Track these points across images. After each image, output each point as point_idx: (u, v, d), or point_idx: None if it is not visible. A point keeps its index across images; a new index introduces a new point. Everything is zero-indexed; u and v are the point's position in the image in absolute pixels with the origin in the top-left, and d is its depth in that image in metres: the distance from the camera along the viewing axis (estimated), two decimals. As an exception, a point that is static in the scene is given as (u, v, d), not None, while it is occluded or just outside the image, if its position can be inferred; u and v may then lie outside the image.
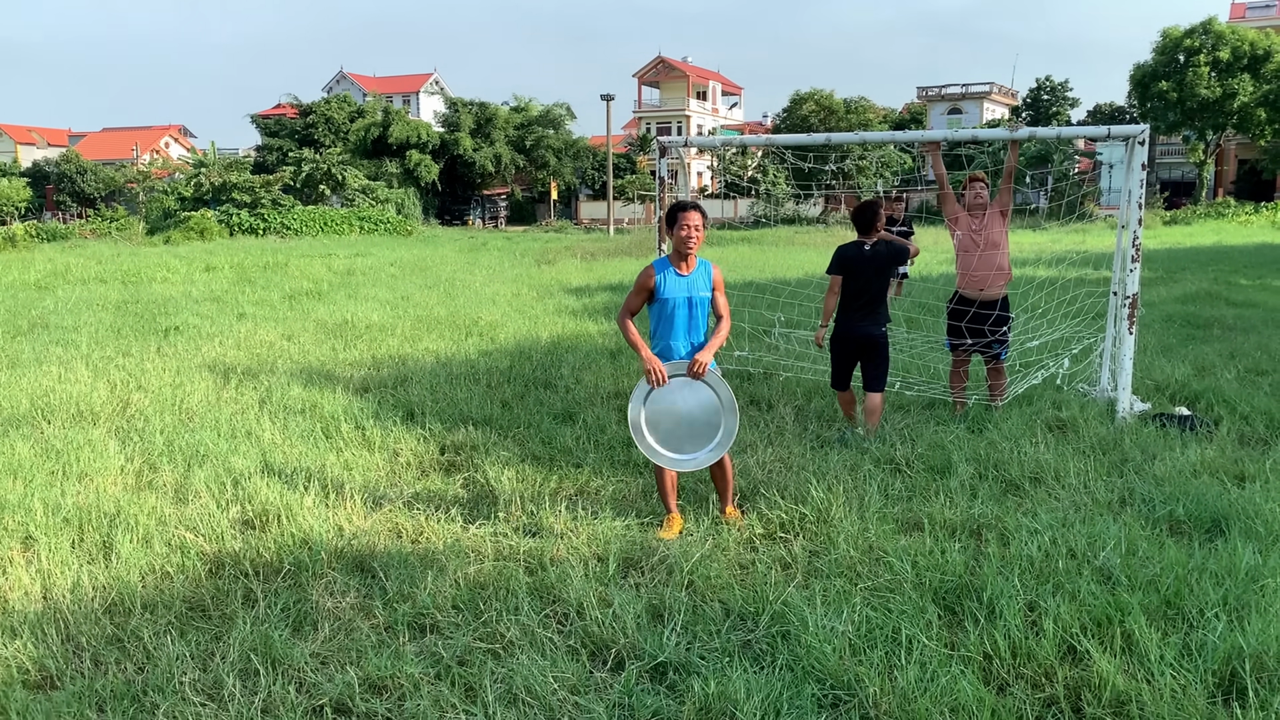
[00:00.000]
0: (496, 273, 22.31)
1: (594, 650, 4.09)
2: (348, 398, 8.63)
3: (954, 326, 7.94)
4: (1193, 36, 53.77)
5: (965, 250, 7.86)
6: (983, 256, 7.74)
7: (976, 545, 5.11)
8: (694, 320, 5.55)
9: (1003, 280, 7.82)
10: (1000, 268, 7.76)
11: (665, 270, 5.52)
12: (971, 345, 7.91)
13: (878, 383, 7.31)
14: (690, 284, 5.51)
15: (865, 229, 7.20)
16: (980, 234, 7.77)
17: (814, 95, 65.06)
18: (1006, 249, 7.84)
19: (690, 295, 5.50)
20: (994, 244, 7.75)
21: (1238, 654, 3.77)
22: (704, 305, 5.56)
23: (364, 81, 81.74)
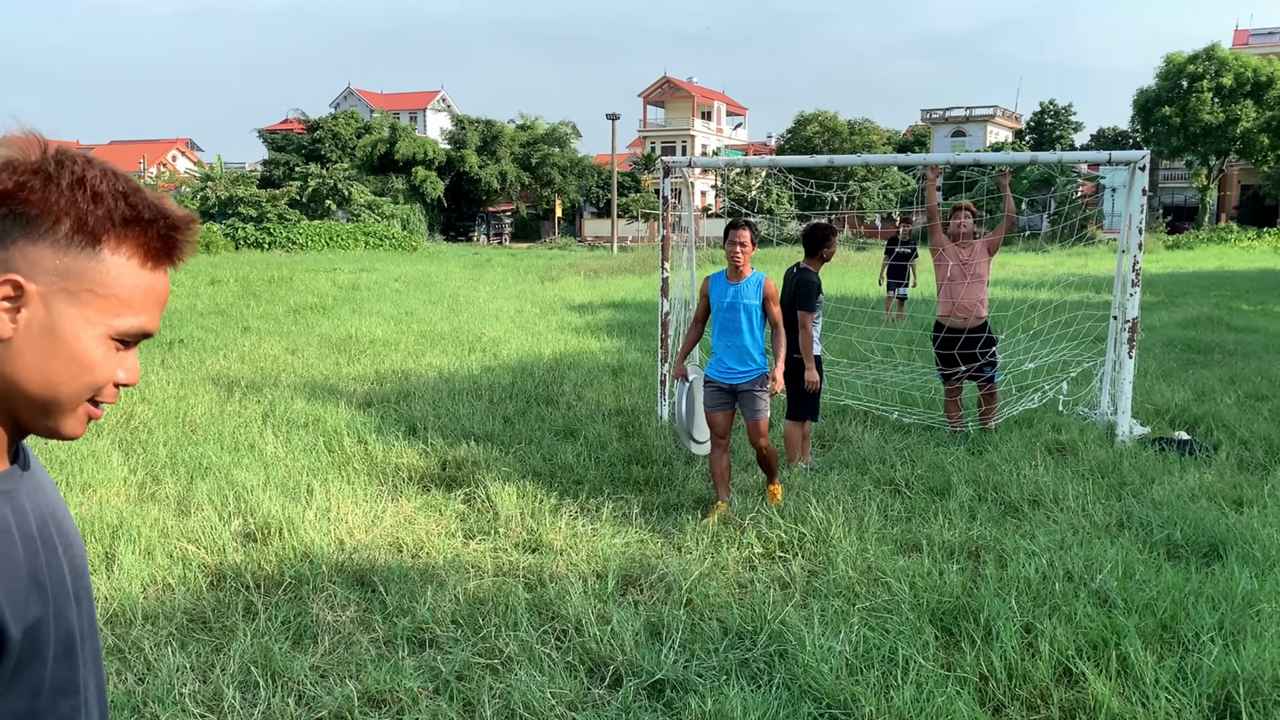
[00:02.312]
0: (500, 289, 22.38)
1: (592, 667, 4.11)
2: (350, 412, 8.67)
3: (945, 356, 8.03)
4: (1196, 62, 53.97)
5: (951, 280, 8.00)
6: (968, 286, 7.90)
7: (974, 567, 5.13)
8: (739, 325, 6.09)
9: (981, 308, 7.98)
10: (981, 299, 7.96)
11: (718, 280, 6.23)
12: (963, 372, 7.98)
13: (791, 412, 7.26)
14: (738, 292, 6.10)
15: (808, 252, 7.14)
16: (968, 265, 7.91)
17: (818, 116, 65.31)
18: (986, 281, 8.05)
19: (735, 302, 6.08)
20: (979, 276, 7.92)
21: (1233, 678, 3.79)
22: (753, 312, 6.10)
23: (371, 98, 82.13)
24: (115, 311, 1.10)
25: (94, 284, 1.08)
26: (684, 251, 9.77)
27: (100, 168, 1.09)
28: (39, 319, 1.07)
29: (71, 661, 1.15)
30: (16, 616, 1.04)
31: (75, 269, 1.07)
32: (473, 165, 62.56)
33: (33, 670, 1.08)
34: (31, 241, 1.05)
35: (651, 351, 11.61)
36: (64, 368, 1.09)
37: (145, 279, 1.12)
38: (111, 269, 1.09)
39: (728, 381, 6.12)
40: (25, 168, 1.05)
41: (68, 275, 1.07)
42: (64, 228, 1.06)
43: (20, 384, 1.08)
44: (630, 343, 13.29)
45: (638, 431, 8.05)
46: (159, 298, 1.14)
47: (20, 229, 1.05)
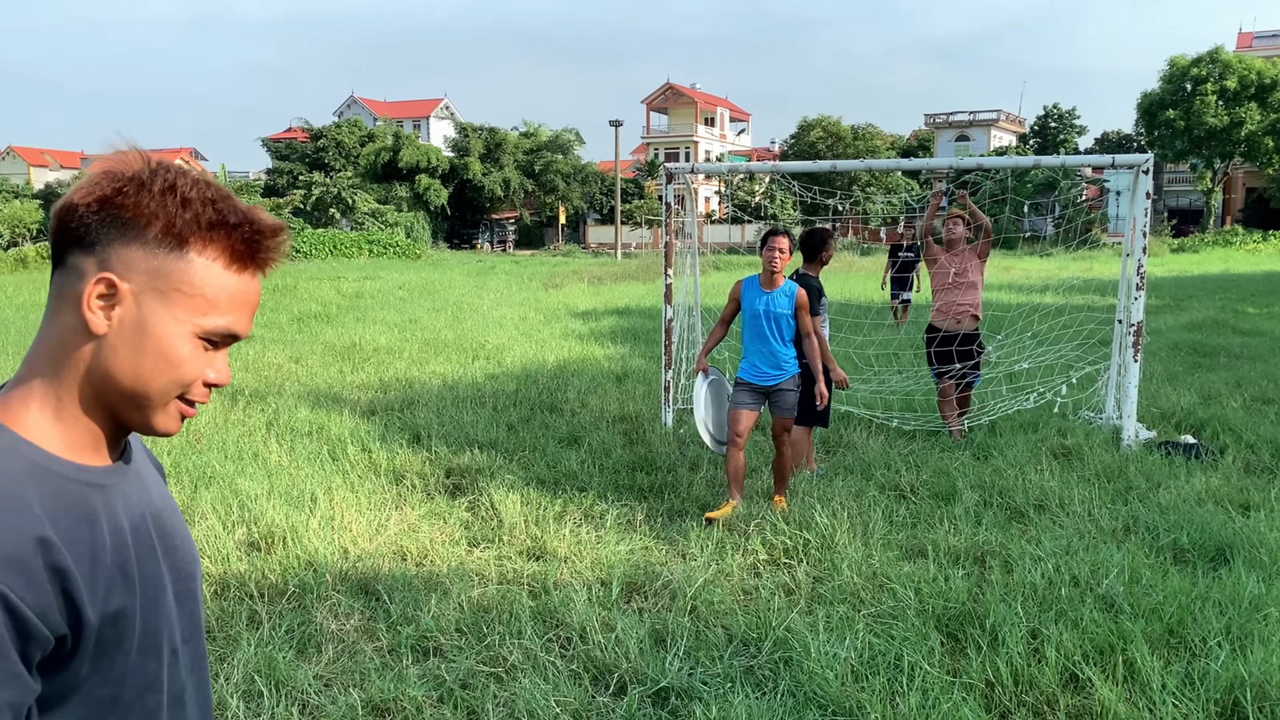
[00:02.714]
0: (504, 296, 22.40)
1: (596, 674, 4.10)
2: (354, 420, 8.67)
3: (938, 358, 8.23)
4: (1200, 65, 53.95)
5: (941, 287, 8.25)
6: (962, 292, 8.12)
7: (980, 572, 5.11)
8: (771, 330, 6.23)
9: (974, 315, 8.19)
10: (974, 304, 8.15)
11: (751, 285, 6.34)
12: (957, 371, 8.17)
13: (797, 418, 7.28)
14: (771, 300, 6.23)
15: (806, 257, 7.17)
16: (963, 273, 8.11)
17: (822, 122, 65.36)
18: (980, 289, 8.23)
19: (768, 309, 6.22)
20: (972, 283, 8.12)
21: (1240, 683, 3.77)
22: (783, 320, 6.22)
23: (375, 106, 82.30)
24: (202, 311, 1.17)
25: (181, 284, 1.15)
26: (687, 258, 9.77)
27: (193, 177, 1.17)
28: (131, 316, 1.14)
29: (159, 659, 1.21)
30: (95, 602, 1.10)
31: (164, 269, 1.14)
32: (476, 173, 62.66)
33: (115, 659, 1.14)
34: (125, 244, 1.13)
35: (655, 358, 11.60)
36: (153, 363, 1.16)
37: (231, 281, 1.18)
38: (198, 270, 1.16)
39: (761, 384, 6.32)
40: (122, 176, 1.13)
41: (157, 275, 1.14)
42: (154, 230, 1.13)
43: (115, 378, 1.15)
44: (634, 349, 13.29)
45: (642, 438, 8.05)
46: (246, 301, 1.20)
47: (116, 232, 1.13)
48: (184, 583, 1.29)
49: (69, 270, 1.15)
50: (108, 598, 1.12)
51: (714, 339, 6.68)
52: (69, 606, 1.08)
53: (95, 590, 1.11)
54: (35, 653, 1.05)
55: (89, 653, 1.11)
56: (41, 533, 1.07)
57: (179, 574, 1.28)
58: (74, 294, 1.14)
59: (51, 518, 1.09)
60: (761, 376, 6.30)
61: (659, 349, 10.32)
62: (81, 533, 1.11)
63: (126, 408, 1.18)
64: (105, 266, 1.13)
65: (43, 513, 1.08)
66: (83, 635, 1.09)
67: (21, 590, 1.03)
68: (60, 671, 1.10)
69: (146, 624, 1.19)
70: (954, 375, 8.18)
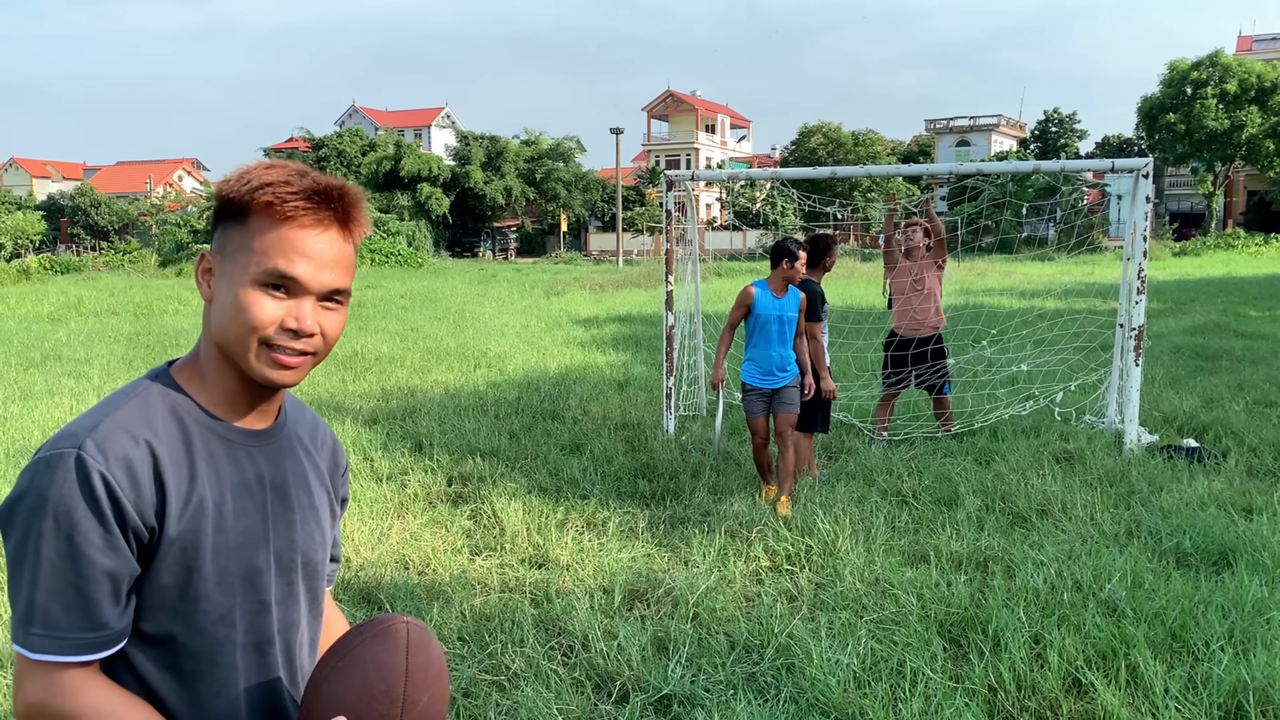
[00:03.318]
0: (506, 304, 22.42)
1: (599, 682, 4.10)
2: (357, 429, 8.68)
3: (894, 361, 8.34)
4: (1200, 69, 54.01)
5: (900, 293, 8.34)
6: (921, 298, 8.22)
7: (982, 577, 5.11)
8: (782, 334, 6.56)
9: (936, 322, 8.29)
10: (935, 310, 8.27)
11: (763, 291, 6.58)
12: (906, 379, 8.28)
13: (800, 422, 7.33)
14: (784, 305, 6.55)
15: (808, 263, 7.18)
16: (921, 281, 8.21)
17: (822, 128, 65.47)
18: (939, 296, 8.34)
19: (782, 314, 6.54)
20: (930, 292, 8.23)
21: (1243, 687, 3.76)
22: (792, 324, 6.58)
23: (376, 115, 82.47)
24: (255, 262, 1.36)
25: (241, 245, 1.37)
26: (688, 264, 9.78)
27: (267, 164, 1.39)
28: (219, 283, 1.39)
29: (233, 598, 1.39)
30: (182, 516, 1.33)
31: (234, 238, 1.38)
32: (477, 181, 62.75)
33: (192, 579, 1.35)
34: (220, 227, 1.40)
35: (657, 365, 11.61)
36: (230, 314, 1.36)
37: (275, 231, 1.36)
38: (252, 229, 1.37)
39: (769, 387, 6.63)
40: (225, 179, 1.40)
41: (229, 243, 1.38)
42: (230, 210, 1.38)
43: (216, 334, 1.39)
44: (636, 356, 13.29)
45: (644, 445, 8.05)
46: (294, 246, 1.36)
47: (215, 220, 1.40)
48: (290, 551, 1.47)
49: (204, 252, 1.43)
50: (194, 523, 1.34)
51: (727, 347, 6.80)
52: (160, 511, 1.31)
53: (184, 510, 1.33)
54: (132, 539, 1.30)
55: (168, 560, 1.33)
56: (152, 442, 1.33)
57: (286, 541, 1.46)
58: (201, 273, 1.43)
59: (166, 439, 1.35)
60: (770, 380, 6.61)
61: (660, 356, 10.33)
62: (184, 459, 1.36)
63: (231, 359, 1.39)
64: (213, 247, 1.41)
65: (161, 433, 1.35)
66: (164, 539, 1.32)
67: (125, 486, 1.29)
68: (149, 568, 1.33)
69: (227, 563, 1.38)
70: (916, 383, 8.30)
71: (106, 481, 1.27)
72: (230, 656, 1.40)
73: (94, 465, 1.26)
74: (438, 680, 1.46)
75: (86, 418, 1.33)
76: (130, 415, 1.34)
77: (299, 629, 1.51)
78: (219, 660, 1.39)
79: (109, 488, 1.27)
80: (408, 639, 1.44)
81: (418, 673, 1.43)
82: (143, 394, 1.38)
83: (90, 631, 1.27)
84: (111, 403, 1.36)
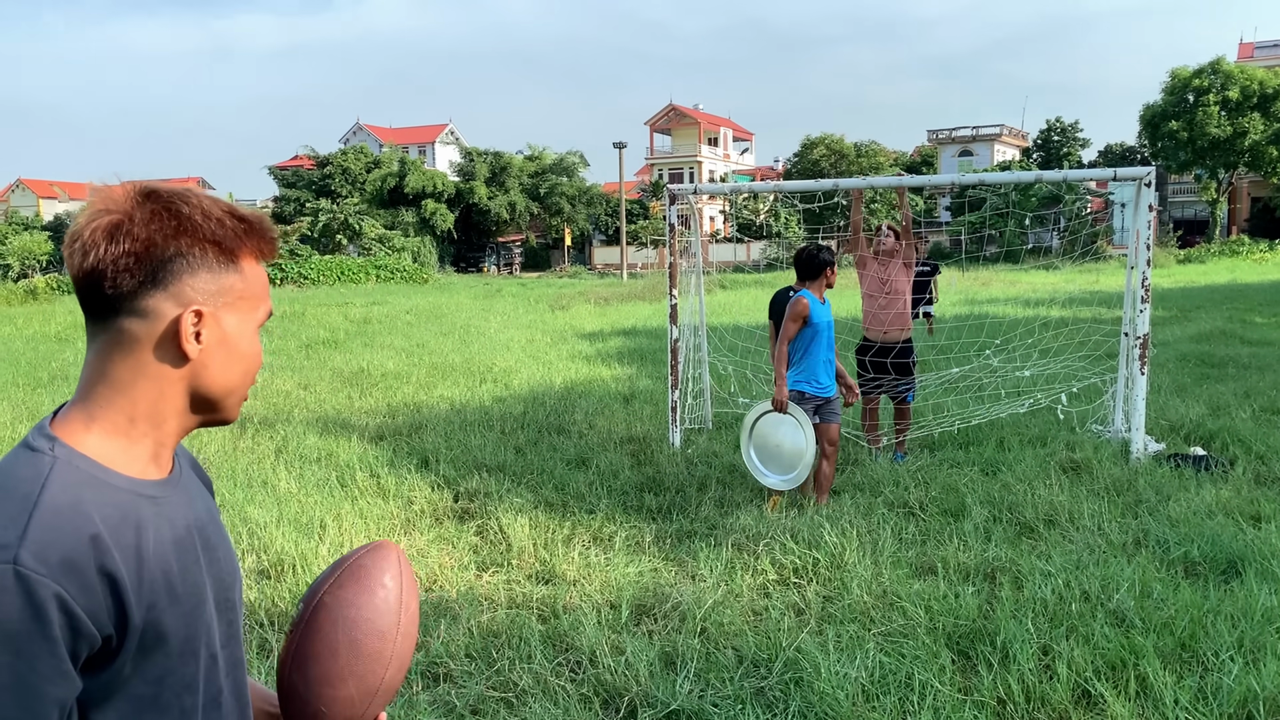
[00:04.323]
0: (511, 319, 22.45)
1: (606, 698, 4.09)
2: (363, 446, 8.69)
3: (867, 367, 8.30)
4: (1201, 76, 54.00)
5: (871, 295, 8.28)
6: (886, 302, 8.17)
7: (990, 589, 5.10)
8: (830, 342, 6.73)
9: (902, 325, 8.24)
10: (901, 314, 8.20)
11: (813, 300, 6.63)
12: (880, 387, 8.25)
13: None
14: (827, 312, 6.70)
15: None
16: (886, 281, 8.16)
17: (825, 140, 65.61)
18: (907, 298, 8.28)
19: (830, 320, 6.70)
20: (898, 291, 8.17)
21: (1253, 697, 3.75)
22: (833, 329, 6.72)
23: (380, 133, 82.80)
24: (255, 306, 1.32)
25: (241, 291, 1.29)
26: (692, 277, 9.79)
27: (198, 195, 1.27)
28: (215, 335, 1.27)
29: (197, 663, 1.28)
30: (140, 606, 1.18)
31: (227, 285, 1.28)
32: (482, 196, 62.98)
33: (156, 660, 1.21)
34: (192, 274, 1.24)
35: (662, 378, 11.62)
36: (239, 366, 1.31)
37: (261, 273, 1.34)
38: (247, 274, 1.30)
39: (826, 395, 6.71)
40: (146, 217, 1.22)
41: (225, 292, 1.28)
42: (210, 255, 1.26)
43: (208, 389, 1.29)
44: (641, 370, 13.30)
45: (650, 459, 8.05)
46: (267, 283, 1.35)
47: (181, 267, 1.24)
48: (224, 591, 1.36)
49: (136, 315, 1.23)
50: (152, 603, 1.19)
51: (788, 362, 6.69)
52: (117, 608, 1.15)
53: (140, 595, 1.18)
54: (83, 651, 1.13)
55: (132, 653, 1.18)
56: (95, 532, 1.14)
57: (220, 583, 1.35)
58: (152, 334, 1.24)
59: (104, 523, 1.16)
60: (825, 389, 6.71)
61: (666, 369, 10.34)
62: (129, 539, 1.19)
63: (213, 410, 1.32)
64: (184, 301, 1.24)
65: (96, 518, 1.16)
66: (127, 636, 1.17)
67: (75, 592, 1.10)
68: (105, 670, 1.17)
69: (187, 630, 1.26)
70: (885, 389, 8.27)
71: (59, 598, 1.08)
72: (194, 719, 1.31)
73: (38, 581, 1.07)
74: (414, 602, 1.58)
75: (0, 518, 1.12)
76: (58, 504, 1.14)
77: (243, 664, 1.44)
78: None
79: (62, 605, 1.09)
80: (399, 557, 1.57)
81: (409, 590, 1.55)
82: (57, 472, 1.17)
83: None
84: (20, 488, 1.15)
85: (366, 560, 1.52)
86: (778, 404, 6.55)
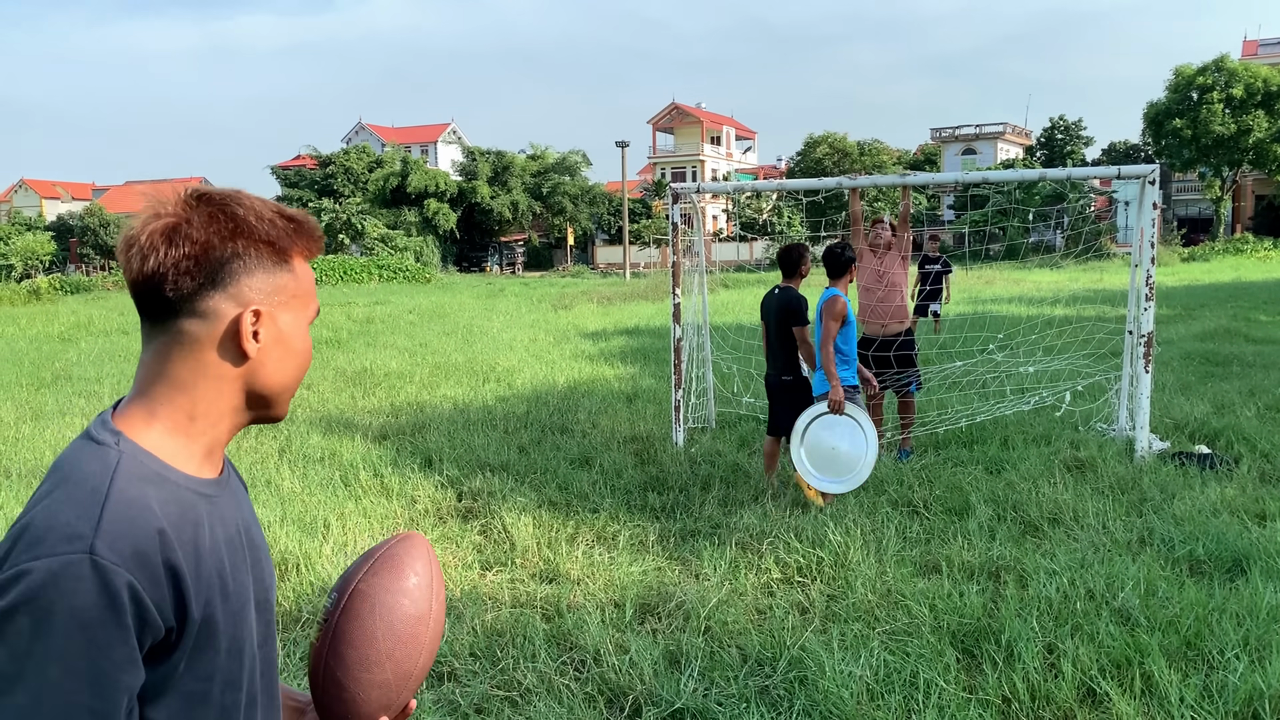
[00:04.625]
0: (514, 318, 22.45)
1: (611, 697, 4.09)
2: (366, 445, 8.69)
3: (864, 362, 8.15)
4: (1205, 74, 53.90)
5: (869, 288, 8.27)
6: (884, 294, 8.18)
7: (995, 587, 5.09)
8: (851, 336, 6.79)
9: (901, 318, 8.25)
10: (899, 306, 8.21)
11: (845, 298, 6.69)
12: (884, 383, 8.21)
13: (774, 428, 7.32)
14: (849, 305, 6.72)
15: (785, 273, 7.23)
16: (884, 274, 8.17)
17: (828, 138, 65.56)
18: (905, 290, 8.29)
19: (852, 315, 6.74)
20: (895, 284, 8.19)
21: (1259, 695, 3.74)
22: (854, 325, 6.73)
23: (382, 132, 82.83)
24: (306, 304, 1.36)
25: (295, 290, 1.33)
26: (695, 276, 9.78)
27: (248, 196, 1.31)
28: (272, 333, 1.31)
29: (241, 661, 1.31)
30: (198, 601, 1.21)
31: (281, 284, 1.32)
32: (484, 196, 62.99)
33: (207, 656, 1.25)
34: (249, 275, 1.28)
35: (665, 377, 11.61)
36: (293, 363, 1.35)
37: (310, 271, 1.37)
38: (299, 272, 1.34)
39: (850, 384, 6.80)
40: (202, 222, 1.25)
41: (280, 290, 1.31)
42: (266, 256, 1.29)
43: (262, 388, 1.33)
44: (644, 369, 13.30)
45: (653, 458, 8.04)
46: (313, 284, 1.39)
47: (239, 268, 1.27)
48: (264, 592, 1.40)
49: (196, 316, 1.26)
50: (208, 599, 1.23)
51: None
52: (178, 602, 1.19)
53: (199, 590, 1.22)
54: (148, 641, 1.16)
55: (188, 648, 1.21)
56: (161, 526, 1.19)
57: (261, 584, 1.39)
58: (213, 334, 1.27)
59: (167, 518, 1.20)
60: (850, 380, 6.82)
61: (669, 368, 10.33)
62: (189, 535, 1.23)
63: (269, 406, 1.35)
64: (242, 301, 1.27)
65: (160, 513, 1.20)
66: (185, 631, 1.20)
67: (145, 583, 1.14)
68: (162, 664, 1.20)
69: (235, 628, 1.29)
70: (888, 383, 8.26)
71: (132, 588, 1.12)
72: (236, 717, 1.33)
73: (113, 570, 1.11)
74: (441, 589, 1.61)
75: (71, 506, 1.16)
76: (128, 497, 1.18)
77: (276, 665, 1.47)
78: None
79: (134, 594, 1.12)
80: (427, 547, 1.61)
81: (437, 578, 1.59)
82: (124, 466, 1.21)
83: None
84: (90, 481, 1.19)
85: (398, 549, 1.56)
86: (835, 405, 6.51)
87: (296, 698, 1.62)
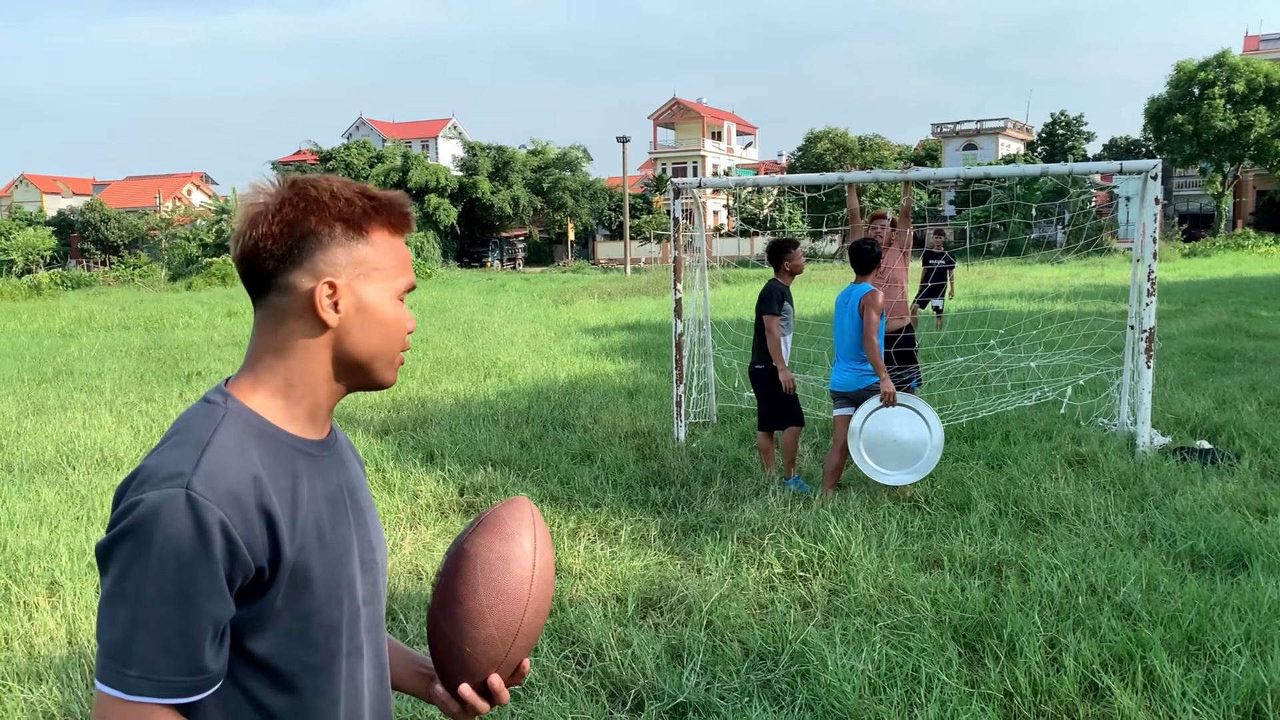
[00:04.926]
0: (515, 314, 22.45)
1: (613, 691, 4.10)
2: (368, 440, 8.70)
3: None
4: (1207, 69, 53.84)
5: None
6: (884, 290, 8.13)
7: (996, 582, 5.09)
8: None
9: (901, 314, 8.31)
10: (900, 302, 8.25)
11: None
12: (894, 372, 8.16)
13: (762, 422, 7.36)
14: None
15: (773, 267, 7.29)
16: (884, 270, 8.15)
17: (829, 133, 65.45)
18: (905, 286, 8.34)
19: None
20: (896, 280, 8.22)
21: (1261, 690, 3.74)
22: None
23: (383, 127, 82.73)
24: (392, 277, 1.44)
25: (374, 262, 1.42)
26: (696, 271, 9.78)
27: (329, 179, 1.42)
28: (352, 303, 1.40)
29: (340, 609, 1.42)
30: (292, 545, 1.33)
31: (359, 257, 1.41)
32: (485, 191, 62.88)
33: (304, 599, 1.36)
34: (324, 251, 1.38)
35: (667, 373, 11.61)
36: (379, 331, 1.43)
37: (398, 246, 1.46)
38: (380, 246, 1.43)
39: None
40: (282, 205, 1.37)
41: (358, 264, 1.41)
42: (339, 232, 1.39)
43: (353, 354, 1.43)
44: (645, 364, 13.30)
45: (655, 453, 8.05)
46: (408, 258, 1.48)
47: (311, 245, 1.38)
48: (369, 552, 1.52)
49: (281, 291, 1.39)
50: (303, 545, 1.35)
51: None
52: (271, 544, 1.31)
53: (293, 535, 1.34)
54: (238, 578, 1.28)
55: (283, 587, 1.33)
56: (257, 474, 1.31)
57: (365, 544, 1.51)
58: (296, 306, 1.39)
59: (265, 468, 1.34)
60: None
61: (670, 364, 10.33)
62: (286, 484, 1.36)
63: (363, 373, 1.45)
64: (318, 275, 1.38)
65: (259, 462, 1.33)
66: (279, 572, 1.32)
67: (237, 521, 1.26)
68: (258, 600, 1.32)
69: (332, 576, 1.40)
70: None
71: (222, 524, 1.24)
72: (340, 665, 1.44)
73: (206, 506, 1.24)
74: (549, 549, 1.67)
75: (177, 451, 1.30)
76: (227, 446, 1.31)
77: (383, 624, 1.58)
78: (333, 671, 1.43)
79: (224, 530, 1.25)
80: (532, 510, 1.66)
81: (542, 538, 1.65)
82: (228, 420, 1.35)
83: (189, 675, 1.26)
84: (196, 432, 1.33)
85: (503, 512, 1.63)
86: (888, 397, 6.50)
87: (426, 665, 1.70)
